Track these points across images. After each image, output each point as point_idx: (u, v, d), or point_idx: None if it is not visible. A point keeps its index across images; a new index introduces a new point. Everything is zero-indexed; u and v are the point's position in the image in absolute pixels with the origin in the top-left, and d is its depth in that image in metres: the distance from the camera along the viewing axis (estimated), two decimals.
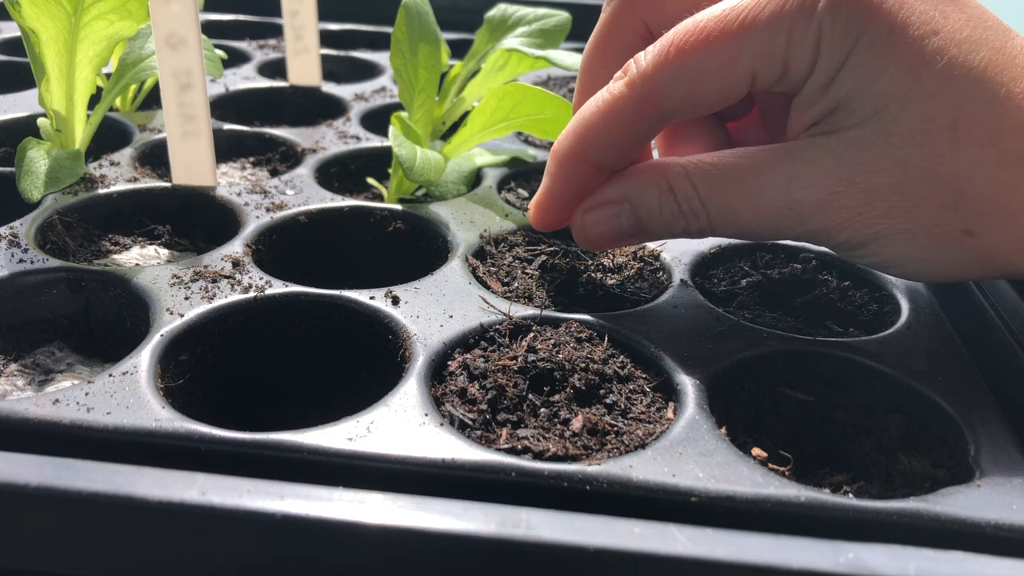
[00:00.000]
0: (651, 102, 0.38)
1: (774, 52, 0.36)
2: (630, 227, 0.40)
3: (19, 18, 0.50)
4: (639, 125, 0.39)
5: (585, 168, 0.41)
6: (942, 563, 0.27)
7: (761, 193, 0.37)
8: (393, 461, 0.32)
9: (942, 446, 0.36)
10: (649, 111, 0.38)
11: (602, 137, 0.39)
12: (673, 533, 0.27)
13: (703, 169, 0.38)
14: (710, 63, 0.36)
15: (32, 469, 0.29)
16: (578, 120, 0.40)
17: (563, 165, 0.41)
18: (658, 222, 0.40)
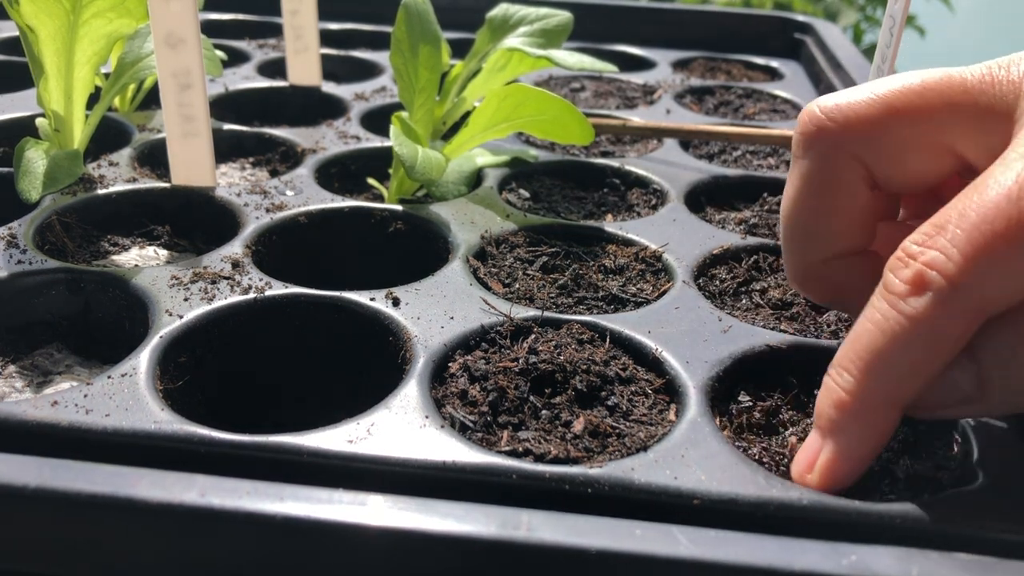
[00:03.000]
0: (977, 313, 0.29)
1: None
2: (971, 388, 0.31)
3: (17, 16, 0.50)
4: (962, 342, 0.30)
5: (893, 413, 0.32)
6: (945, 566, 0.27)
7: None
8: (394, 464, 0.32)
9: (945, 448, 0.36)
10: (976, 322, 0.30)
11: (916, 369, 0.30)
12: (675, 535, 0.27)
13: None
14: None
15: (31, 470, 0.29)
16: (868, 357, 0.31)
17: (863, 417, 0.31)
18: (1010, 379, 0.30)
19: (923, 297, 0.30)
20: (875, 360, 0.31)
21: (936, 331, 0.30)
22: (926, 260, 0.30)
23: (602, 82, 0.89)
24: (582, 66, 0.62)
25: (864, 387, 0.31)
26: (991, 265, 0.29)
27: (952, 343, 0.30)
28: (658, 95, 0.83)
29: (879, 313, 0.31)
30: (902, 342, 0.30)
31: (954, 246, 0.29)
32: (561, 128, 0.56)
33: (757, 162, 0.68)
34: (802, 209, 0.37)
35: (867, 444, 0.32)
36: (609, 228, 0.53)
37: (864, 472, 0.33)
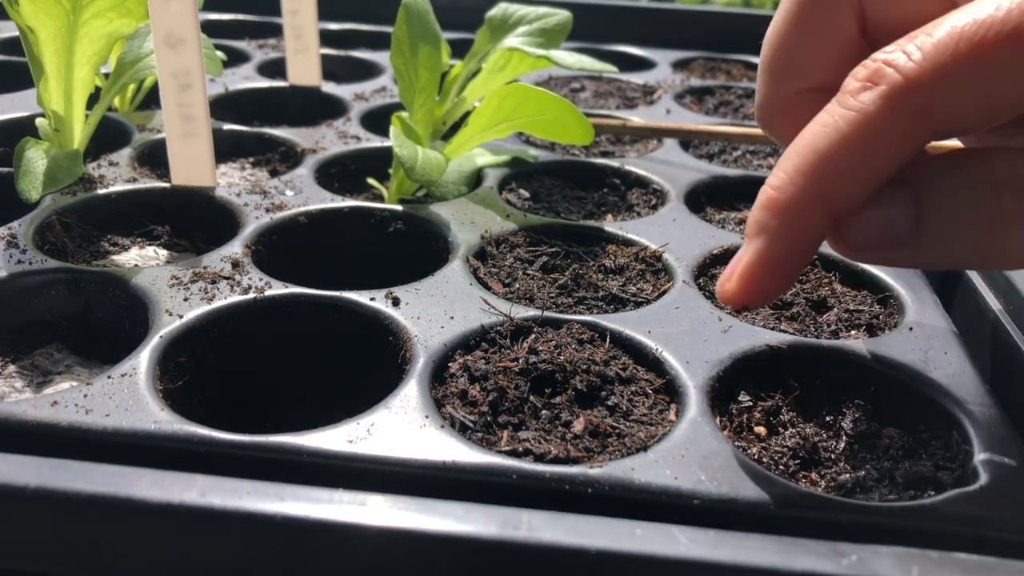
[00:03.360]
0: (927, 117, 0.28)
1: None
2: (904, 228, 0.29)
3: (17, 16, 0.50)
4: (902, 151, 0.28)
5: (818, 219, 0.30)
6: (945, 566, 0.27)
7: None
8: (393, 464, 0.32)
9: (945, 449, 0.36)
10: (921, 131, 0.28)
11: (851, 173, 0.29)
12: (675, 535, 0.27)
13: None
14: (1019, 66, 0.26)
15: (31, 470, 0.29)
16: (804, 154, 0.29)
17: (789, 216, 0.30)
18: (952, 216, 0.29)
19: (874, 91, 0.28)
20: (811, 156, 0.29)
21: (882, 128, 0.28)
22: (886, 58, 0.28)
23: (602, 82, 0.89)
24: (582, 66, 0.62)
25: (795, 184, 0.29)
26: (951, 69, 0.27)
27: (893, 147, 0.28)
28: (658, 95, 0.83)
29: (827, 113, 0.29)
30: (842, 137, 0.29)
31: (919, 48, 0.28)
32: (561, 128, 0.56)
33: (757, 162, 0.67)
34: (788, 34, 0.36)
35: (790, 248, 0.30)
36: (609, 228, 0.53)
37: (787, 283, 0.31)
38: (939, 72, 0.27)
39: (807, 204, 0.29)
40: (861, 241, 0.30)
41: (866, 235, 0.30)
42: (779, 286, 0.31)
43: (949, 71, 0.27)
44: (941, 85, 0.27)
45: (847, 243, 0.31)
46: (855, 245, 0.31)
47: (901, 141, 0.28)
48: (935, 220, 0.29)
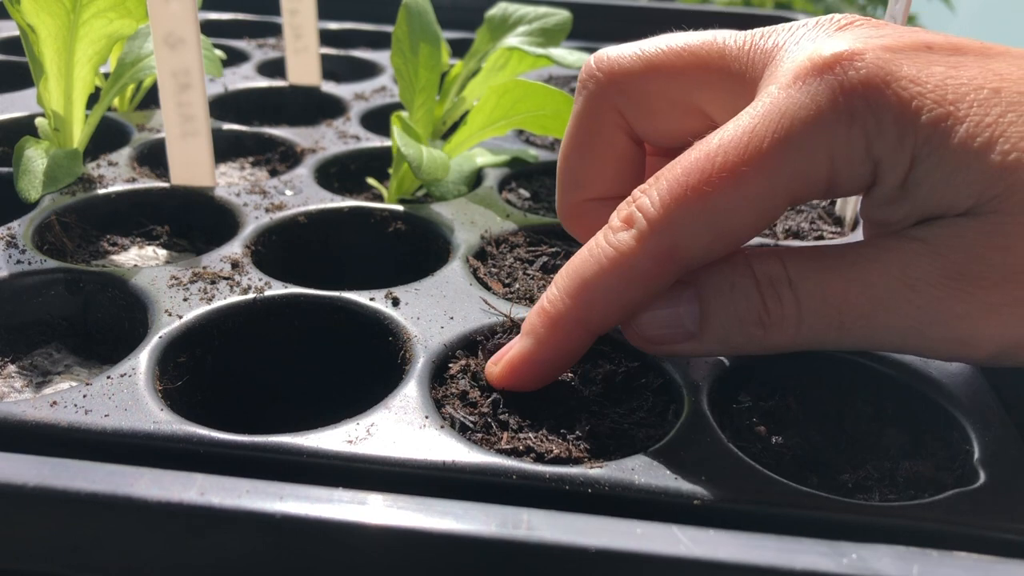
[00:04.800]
0: (669, 257, 0.32)
1: (815, 174, 0.31)
2: (691, 324, 0.33)
3: (18, 15, 0.50)
4: (653, 283, 0.32)
5: (580, 334, 0.34)
6: (945, 565, 0.27)
7: (875, 265, 0.31)
8: (393, 464, 0.32)
9: (945, 449, 0.36)
10: (667, 267, 0.32)
11: (606, 301, 0.33)
12: (675, 534, 0.27)
13: (796, 250, 0.32)
14: (740, 202, 0.31)
15: (30, 469, 0.28)
16: (574, 279, 0.33)
17: (554, 330, 0.34)
18: (728, 313, 0.32)
19: (627, 233, 0.32)
20: (577, 281, 0.33)
21: (632, 266, 0.32)
22: (638, 203, 0.32)
23: None
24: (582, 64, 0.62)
25: (562, 303, 0.34)
26: (682, 214, 0.31)
27: (645, 280, 0.32)
28: None
29: (595, 243, 0.34)
30: (603, 271, 0.33)
31: (657, 193, 0.32)
32: (561, 123, 0.56)
33: None
34: (569, 149, 0.41)
35: (552, 353, 0.35)
36: None
37: (545, 380, 0.36)
38: (675, 218, 0.31)
39: (570, 321, 0.34)
40: (653, 336, 0.34)
41: (658, 331, 0.34)
42: (538, 381, 0.36)
43: (682, 217, 0.31)
44: (678, 229, 0.31)
45: (641, 337, 0.35)
46: (648, 339, 0.34)
47: (651, 276, 0.32)
48: (715, 318, 0.33)
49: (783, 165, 0.30)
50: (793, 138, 0.30)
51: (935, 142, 0.30)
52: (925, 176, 0.30)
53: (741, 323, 0.32)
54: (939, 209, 0.31)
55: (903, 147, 0.30)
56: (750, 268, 0.32)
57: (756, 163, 0.30)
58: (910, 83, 0.30)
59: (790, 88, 0.31)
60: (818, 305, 0.31)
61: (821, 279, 0.31)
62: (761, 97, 0.32)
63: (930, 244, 0.30)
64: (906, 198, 0.31)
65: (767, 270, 0.32)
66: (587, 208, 0.41)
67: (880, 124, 0.30)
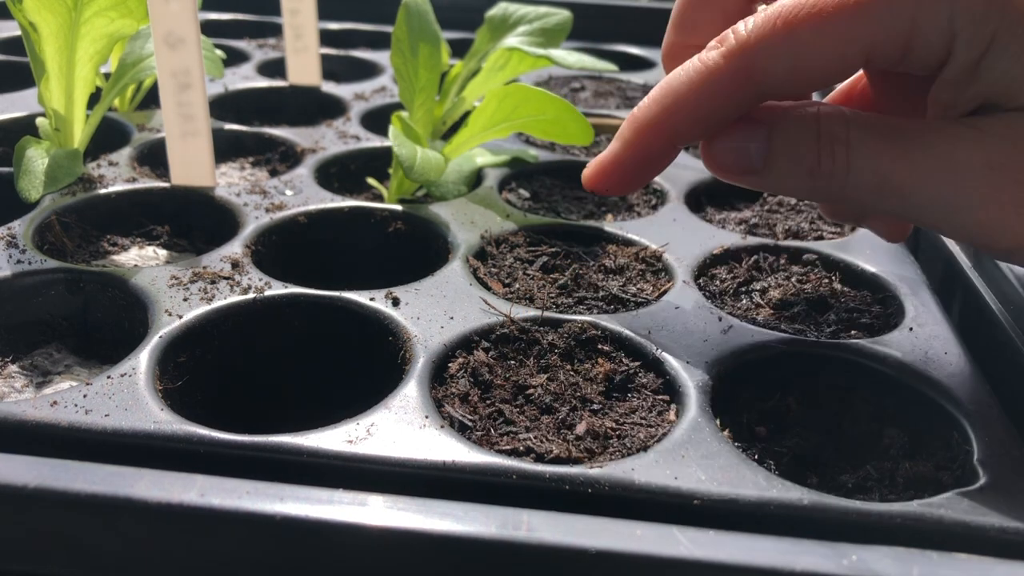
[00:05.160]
0: (750, 77, 0.34)
1: (896, 32, 0.32)
2: (758, 159, 0.36)
3: (19, 13, 0.50)
4: (733, 101, 0.35)
5: (664, 141, 0.37)
6: (945, 566, 0.27)
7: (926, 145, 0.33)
8: (393, 464, 0.32)
9: (945, 449, 0.36)
10: (746, 87, 0.34)
11: (690, 110, 0.36)
12: (675, 535, 0.27)
13: (863, 116, 0.34)
14: (821, 40, 0.33)
15: (30, 470, 0.29)
16: (664, 89, 0.36)
17: (640, 134, 0.37)
18: (790, 157, 0.35)
19: (717, 51, 0.35)
20: (667, 91, 0.36)
21: (717, 80, 0.35)
22: (734, 28, 0.35)
23: (602, 82, 0.89)
24: (582, 65, 0.62)
25: (651, 110, 0.37)
26: (769, 40, 0.33)
27: (726, 96, 0.35)
28: None
29: (689, 61, 0.36)
30: (691, 82, 0.35)
31: (753, 20, 0.34)
32: (561, 128, 0.56)
33: None
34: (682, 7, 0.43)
35: (636, 156, 0.38)
36: (609, 228, 0.53)
37: (630, 184, 0.39)
38: (762, 42, 0.34)
39: (655, 128, 0.37)
40: (723, 163, 0.37)
41: (728, 159, 0.37)
42: (623, 183, 0.39)
43: (768, 42, 0.33)
44: (761, 52, 0.34)
45: (713, 161, 0.37)
46: (718, 164, 0.37)
47: (729, 93, 0.35)
48: (777, 159, 0.35)
49: (868, 15, 0.32)
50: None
51: (1017, 30, 0.31)
52: (996, 60, 0.31)
53: (798, 168, 0.35)
54: (1001, 98, 0.32)
55: (985, 26, 0.31)
56: (817, 123, 0.35)
57: (845, 8, 0.32)
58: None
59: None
60: (865, 170, 0.34)
61: (874, 148, 0.33)
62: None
63: (981, 131, 0.32)
64: (974, 80, 0.32)
65: (831, 128, 0.34)
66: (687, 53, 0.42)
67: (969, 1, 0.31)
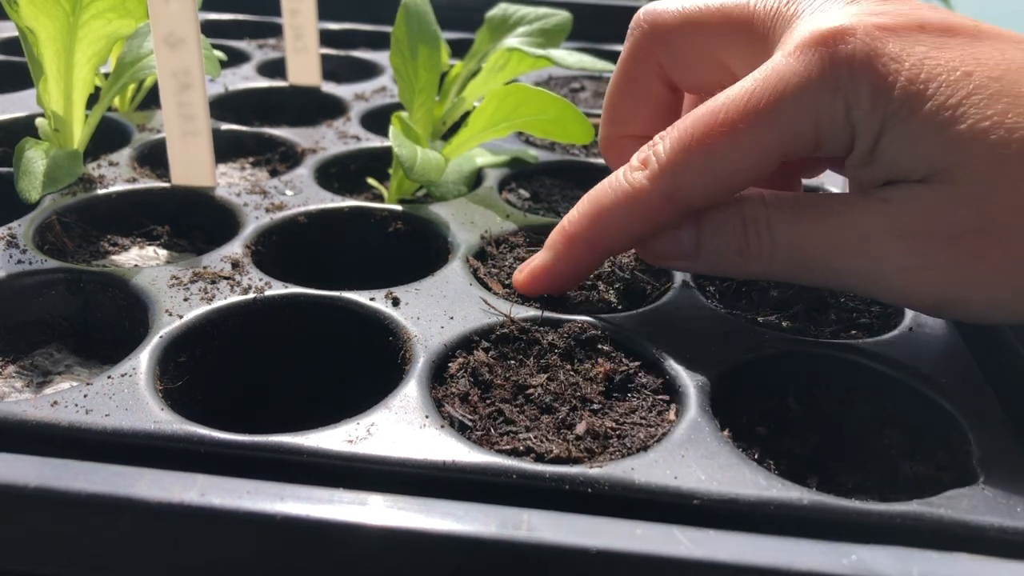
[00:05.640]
0: (674, 198, 0.37)
1: (803, 133, 0.35)
2: (690, 246, 0.38)
3: (17, 17, 0.50)
4: (661, 219, 0.38)
5: (593, 254, 0.41)
6: (946, 566, 0.27)
7: (836, 218, 0.35)
8: (393, 463, 0.32)
9: (946, 449, 0.36)
10: (672, 206, 0.37)
11: (618, 228, 0.39)
12: (675, 535, 0.27)
13: (780, 196, 0.37)
14: (735, 153, 0.35)
15: (31, 470, 0.29)
16: (593, 205, 0.39)
17: (571, 246, 0.41)
18: (718, 241, 0.38)
19: (641, 173, 0.38)
20: (595, 208, 0.39)
21: (643, 201, 0.38)
22: (654, 148, 0.38)
23: (602, 82, 0.89)
24: (582, 66, 0.62)
25: (579, 224, 0.40)
26: (687, 161, 0.36)
27: (652, 215, 0.38)
28: None
29: (615, 177, 0.39)
30: (618, 202, 0.38)
31: (669, 141, 0.37)
32: (561, 128, 0.56)
33: None
34: (613, 89, 0.47)
35: (566, 266, 0.42)
36: None
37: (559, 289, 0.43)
38: (680, 163, 0.36)
39: (584, 241, 0.40)
40: (657, 251, 0.40)
41: (662, 247, 0.39)
42: (553, 289, 0.43)
43: (687, 163, 0.36)
44: (682, 173, 0.36)
45: (647, 250, 0.40)
46: (653, 253, 0.40)
47: (655, 212, 0.38)
48: (707, 245, 0.38)
49: (774, 124, 0.35)
50: (785, 101, 0.34)
51: (902, 114, 0.33)
52: (890, 143, 0.34)
53: (727, 252, 0.38)
54: (900, 174, 0.34)
55: (875, 115, 0.34)
56: (740, 207, 0.37)
57: (751, 120, 0.35)
58: (891, 60, 0.33)
59: (790, 56, 0.35)
60: (787, 246, 0.36)
61: (791, 226, 0.36)
62: (768, 63, 0.36)
63: (887, 203, 0.34)
64: (874, 161, 0.35)
65: (752, 211, 0.37)
66: (624, 143, 0.47)
67: (858, 94, 0.34)
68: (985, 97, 0.32)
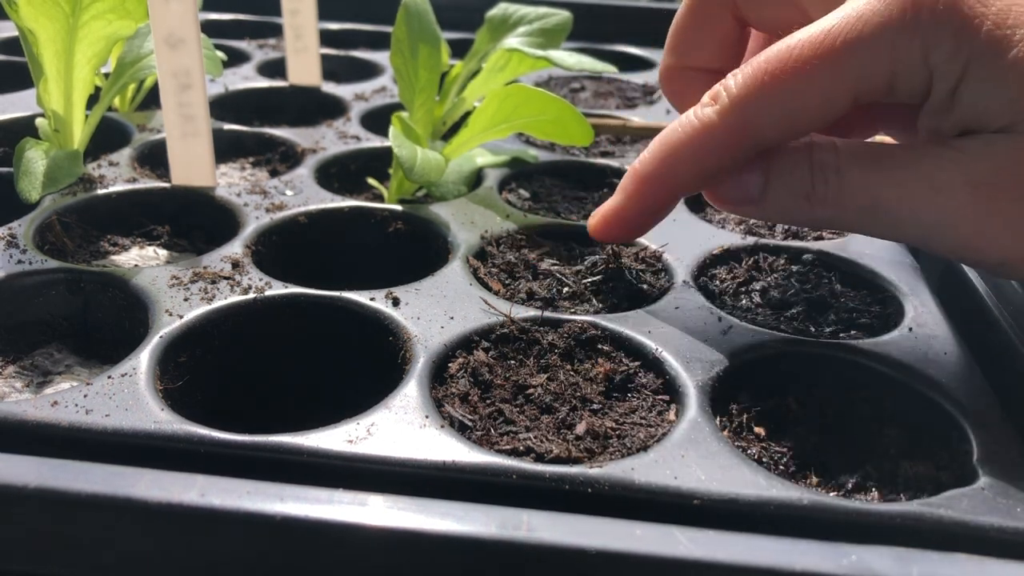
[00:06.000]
0: (745, 132, 0.36)
1: (877, 74, 0.34)
2: (756, 190, 0.37)
3: (17, 18, 0.50)
4: (730, 155, 0.37)
5: (665, 193, 0.40)
6: (945, 566, 0.27)
7: (908, 167, 0.34)
8: (393, 463, 0.32)
9: (945, 449, 0.36)
10: (742, 141, 0.36)
11: (689, 165, 0.38)
12: (675, 535, 0.27)
13: (851, 144, 0.36)
14: (808, 90, 0.35)
15: (31, 470, 0.29)
16: (664, 143, 0.39)
17: (642, 186, 0.40)
18: (786, 186, 0.37)
19: (712, 108, 0.37)
20: (665, 146, 0.38)
21: (713, 136, 0.37)
22: (725, 83, 0.37)
23: (602, 82, 0.89)
24: (582, 66, 0.62)
25: (651, 164, 0.39)
26: (759, 95, 0.35)
27: (722, 151, 0.37)
28: (658, 95, 0.83)
29: (685, 116, 0.38)
30: (688, 138, 0.37)
31: (742, 76, 0.36)
32: (561, 129, 0.56)
33: None
34: (681, 18, 0.45)
35: (638, 207, 0.40)
36: None
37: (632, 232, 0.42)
38: (753, 98, 0.36)
39: (655, 181, 0.39)
40: (723, 195, 0.39)
41: (728, 191, 0.38)
42: (626, 232, 0.42)
43: (759, 98, 0.35)
44: (754, 108, 0.36)
45: (714, 194, 0.39)
46: (719, 196, 0.39)
47: (725, 148, 0.37)
48: (774, 189, 0.37)
49: (849, 62, 0.34)
50: (863, 40, 0.33)
51: (986, 60, 0.32)
52: (971, 89, 0.33)
53: (794, 196, 0.37)
54: (979, 122, 0.33)
55: (957, 59, 0.33)
56: (809, 152, 0.36)
57: (827, 58, 0.34)
58: (977, 3, 0.32)
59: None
60: (856, 194, 0.35)
61: (863, 172, 0.35)
62: (849, 2, 0.35)
63: (963, 152, 0.33)
64: (953, 108, 0.34)
65: (822, 156, 0.36)
66: (682, 75, 0.46)
67: (939, 36, 0.33)
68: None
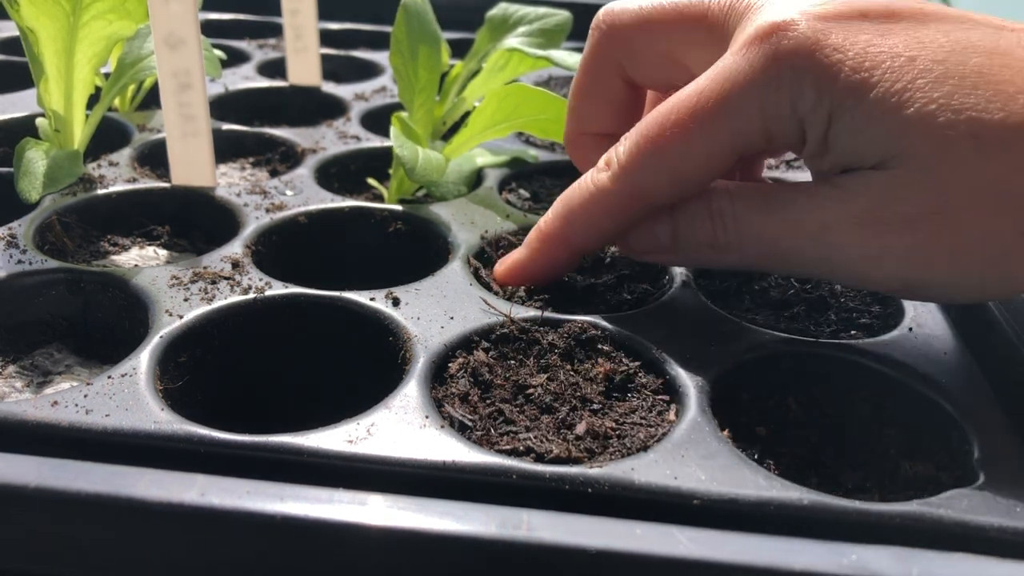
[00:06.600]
0: (636, 196, 0.39)
1: (752, 130, 0.35)
2: (666, 240, 0.40)
3: (17, 17, 0.50)
4: (625, 216, 0.40)
5: (565, 252, 0.42)
6: (945, 566, 0.27)
7: (797, 208, 0.36)
8: (393, 464, 0.32)
9: (945, 449, 0.36)
10: (634, 204, 0.39)
11: (587, 227, 0.41)
12: (675, 535, 0.27)
13: (745, 188, 0.38)
14: (689, 152, 0.37)
15: (31, 470, 0.29)
16: (564, 205, 0.41)
17: (544, 244, 0.43)
18: (690, 235, 0.39)
19: (606, 174, 0.39)
20: (567, 207, 0.41)
21: (608, 201, 0.39)
22: (616, 149, 0.39)
23: None
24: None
25: (553, 224, 0.42)
26: (644, 161, 0.38)
27: (618, 213, 0.40)
28: None
29: (584, 178, 0.41)
30: (585, 202, 0.40)
31: (628, 142, 0.38)
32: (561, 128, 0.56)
33: None
34: (576, 88, 0.47)
35: (540, 263, 0.43)
36: None
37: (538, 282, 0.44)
38: (638, 164, 0.38)
39: (556, 240, 0.42)
40: (635, 246, 0.41)
41: (640, 243, 0.41)
42: (534, 282, 0.44)
43: (644, 164, 0.38)
44: (641, 174, 0.38)
45: (627, 245, 0.42)
46: (632, 247, 0.41)
47: (623, 210, 0.40)
48: (682, 238, 0.39)
49: (723, 122, 0.35)
50: (732, 99, 0.35)
51: (848, 103, 0.33)
52: (840, 133, 0.34)
53: (699, 245, 0.39)
54: (854, 161, 0.34)
55: (821, 107, 0.34)
56: (708, 201, 0.38)
57: (702, 120, 0.36)
58: (833, 51, 0.34)
59: (737, 54, 0.35)
60: (754, 238, 0.37)
61: (756, 216, 0.37)
62: (718, 61, 0.36)
63: (844, 190, 0.35)
64: (828, 152, 0.35)
65: (719, 204, 0.38)
66: (583, 140, 0.48)
67: (802, 87, 0.34)
68: (930, 81, 0.32)
